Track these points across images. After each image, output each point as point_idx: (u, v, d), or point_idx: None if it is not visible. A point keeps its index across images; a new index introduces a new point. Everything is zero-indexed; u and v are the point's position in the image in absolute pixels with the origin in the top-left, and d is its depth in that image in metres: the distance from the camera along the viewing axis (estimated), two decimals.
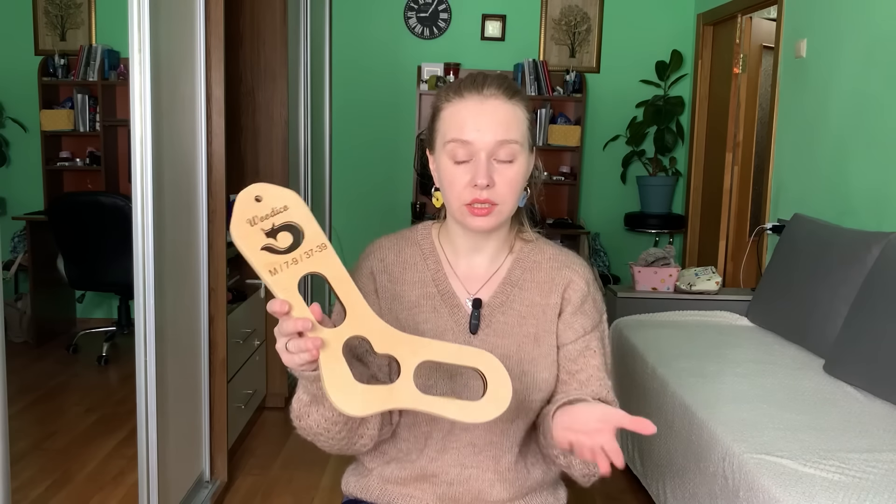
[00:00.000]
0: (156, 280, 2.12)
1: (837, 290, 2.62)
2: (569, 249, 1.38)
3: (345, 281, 1.06)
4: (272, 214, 1.04)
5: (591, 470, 1.24)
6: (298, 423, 1.19)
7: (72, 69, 4.71)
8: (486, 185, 1.18)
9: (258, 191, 1.04)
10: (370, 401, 1.03)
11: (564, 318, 1.29)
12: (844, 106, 3.17)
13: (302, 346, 1.01)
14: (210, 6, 2.47)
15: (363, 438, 1.22)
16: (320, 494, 2.76)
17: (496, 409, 1.05)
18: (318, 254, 1.05)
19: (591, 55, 5.06)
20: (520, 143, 1.21)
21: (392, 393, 1.04)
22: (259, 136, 3.47)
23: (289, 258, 1.03)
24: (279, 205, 1.04)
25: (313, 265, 1.05)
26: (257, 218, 1.03)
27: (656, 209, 4.96)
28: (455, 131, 1.20)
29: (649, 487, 2.57)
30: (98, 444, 3.11)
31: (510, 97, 1.23)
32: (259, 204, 1.04)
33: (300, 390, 1.15)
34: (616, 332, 3.14)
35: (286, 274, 1.03)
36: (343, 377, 1.03)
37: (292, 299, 1.02)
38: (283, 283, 1.03)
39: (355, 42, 4.98)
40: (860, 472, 1.77)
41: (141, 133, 2.06)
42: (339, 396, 1.02)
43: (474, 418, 1.05)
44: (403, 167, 4.96)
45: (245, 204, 1.04)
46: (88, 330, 4.53)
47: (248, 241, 1.03)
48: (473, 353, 1.07)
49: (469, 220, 1.21)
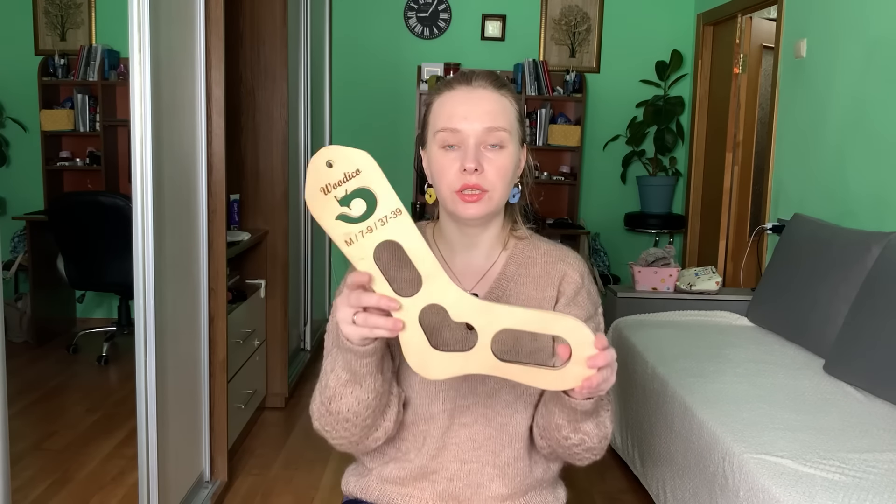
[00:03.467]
0: (156, 280, 2.12)
1: (837, 290, 2.62)
2: (563, 245, 1.39)
3: (421, 247, 1.03)
4: (345, 180, 1.01)
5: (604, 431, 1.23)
6: (329, 406, 1.18)
7: (72, 69, 4.71)
8: (475, 169, 1.19)
9: (329, 154, 1.01)
10: (449, 366, 1.04)
11: (558, 309, 1.29)
12: (844, 106, 3.17)
13: (380, 323, 1.02)
14: (210, 6, 2.48)
15: (378, 431, 1.22)
16: (320, 494, 2.76)
17: (578, 377, 1.04)
18: (393, 220, 1.02)
19: (591, 55, 5.06)
20: (508, 130, 1.22)
21: (470, 358, 1.04)
22: (259, 136, 3.47)
23: (363, 226, 1.02)
24: (351, 168, 1.01)
25: (388, 232, 1.02)
26: (330, 185, 1.01)
27: (656, 209, 4.96)
28: (444, 120, 1.22)
29: (649, 487, 2.57)
30: (98, 444, 3.11)
31: (498, 88, 1.24)
32: (331, 170, 1.01)
33: (339, 368, 1.15)
34: (616, 332, 3.14)
35: (362, 243, 1.02)
36: (420, 345, 1.04)
37: (373, 271, 1.02)
38: (359, 252, 1.02)
39: (355, 42, 4.98)
40: (860, 472, 1.77)
41: (141, 133, 2.06)
42: (420, 364, 1.04)
43: (556, 385, 1.05)
44: (403, 167, 4.96)
45: (317, 170, 1.01)
46: (88, 330, 4.53)
47: (323, 211, 1.01)
48: (556, 319, 1.04)
49: (460, 207, 1.21)
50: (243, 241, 3.14)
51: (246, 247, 3.20)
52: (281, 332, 3.55)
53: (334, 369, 1.16)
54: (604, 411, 1.23)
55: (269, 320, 3.52)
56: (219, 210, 2.56)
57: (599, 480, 2.88)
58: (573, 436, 1.21)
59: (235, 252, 3.05)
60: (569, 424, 1.20)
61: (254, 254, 3.45)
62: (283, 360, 3.56)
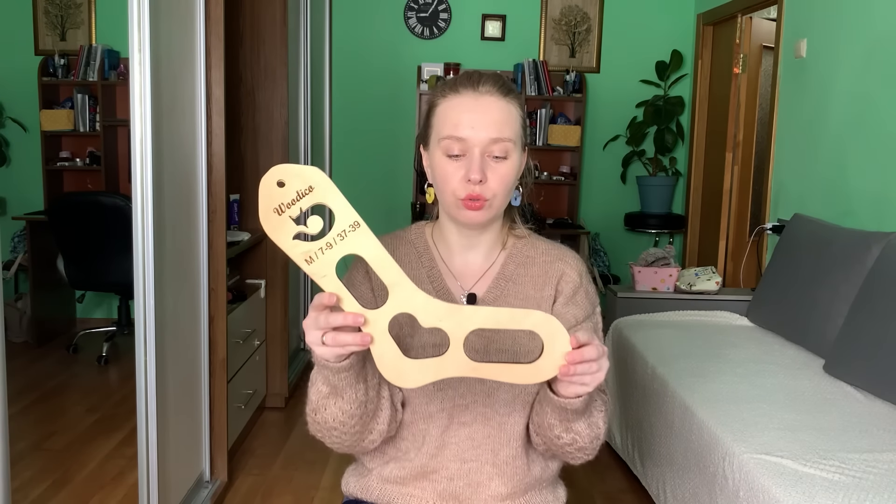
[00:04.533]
0: (156, 280, 2.12)
1: (837, 290, 2.62)
2: (562, 244, 1.39)
3: (383, 258, 1.03)
4: (298, 199, 1.00)
5: (596, 431, 1.23)
6: (314, 417, 1.19)
7: (72, 69, 4.71)
8: (480, 180, 1.20)
9: (279, 174, 1.00)
10: (423, 373, 1.04)
11: (556, 308, 1.30)
12: (844, 106, 3.17)
13: (347, 340, 1.02)
14: (210, 6, 2.48)
15: (373, 434, 1.22)
16: (320, 494, 2.76)
17: (554, 367, 1.05)
18: (352, 234, 1.02)
19: (591, 55, 5.06)
20: (513, 140, 1.23)
21: (443, 363, 1.04)
22: (259, 136, 3.48)
23: (322, 243, 1.01)
24: (304, 186, 1.00)
25: (348, 247, 1.02)
26: (283, 205, 1.00)
27: (656, 209, 4.96)
28: (450, 128, 1.22)
29: (649, 487, 2.57)
30: (98, 444, 3.11)
31: (505, 95, 1.24)
32: (283, 189, 1.00)
33: (319, 382, 1.15)
34: (616, 332, 3.14)
35: (322, 261, 1.01)
36: (392, 354, 1.03)
37: (338, 289, 1.01)
38: (321, 270, 1.01)
39: (355, 42, 4.98)
40: (860, 472, 1.77)
41: (141, 133, 2.06)
42: (393, 374, 1.03)
43: (532, 379, 1.05)
44: (403, 167, 4.95)
45: (269, 191, 1.00)
46: (88, 330, 4.53)
47: (279, 232, 1.00)
48: (525, 314, 1.05)
49: (462, 213, 1.22)
50: (243, 241, 3.14)
51: (246, 247, 3.20)
52: (281, 331, 3.55)
53: (315, 382, 1.17)
54: (597, 412, 1.23)
55: (269, 320, 3.52)
56: (219, 210, 2.56)
57: (599, 480, 2.88)
58: (564, 435, 1.22)
59: (235, 252, 3.05)
60: (560, 423, 1.20)
61: (254, 254, 3.45)
62: (283, 360, 3.57)
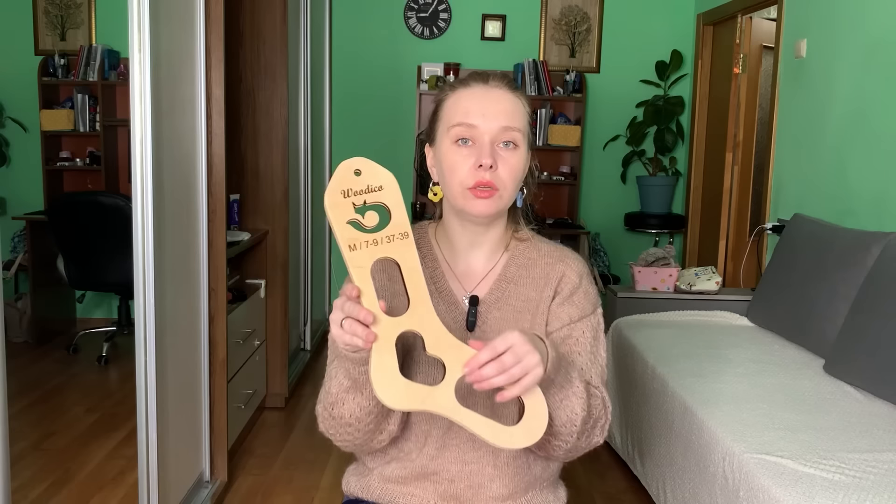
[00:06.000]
0: (156, 280, 2.12)
1: (837, 290, 2.62)
2: (564, 246, 1.39)
3: (416, 273, 1.07)
4: (366, 191, 1.05)
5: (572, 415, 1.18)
6: (331, 412, 1.20)
7: (72, 69, 4.71)
8: (490, 166, 1.20)
9: (359, 164, 1.06)
10: (409, 397, 1.05)
11: (553, 308, 1.30)
12: (844, 106, 3.17)
13: (358, 332, 1.03)
14: (210, 6, 2.48)
15: (383, 434, 1.23)
16: (320, 494, 2.76)
17: (527, 438, 1.06)
18: (399, 241, 1.06)
19: (591, 55, 5.06)
20: (522, 132, 1.24)
21: (431, 395, 1.05)
22: (259, 136, 3.47)
23: (370, 238, 1.05)
24: (375, 183, 1.06)
25: (391, 250, 1.06)
26: (351, 191, 1.05)
27: (656, 209, 4.96)
28: (461, 116, 1.23)
29: (649, 487, 2.57)
30: (98, 444, 3.11)
31: (513, 90, 1.26)
32: (357, 178, 1.05)
33: (341, 375, 1.17)
34: (616, 332, 3.14)
35: (363, 252, 1.05)
36: (390, 368, 1.04)
37: (364, 284, 1.04)
38: (358, 260, 1.05)
39: (355, 42, 4.98)
40: (860, 472, 1.77)
41: (141, 133, 2.06)
42: (382, 386, 1.04)
43: (504, 444, 1.06)
44: (403, 167, 4.95)
45: (344, 174, 1.05)
46: (88, 330, 4.52)
47: (338, 212, 1.05)
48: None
49: (470, 203, 1.22)
50: (243, 241, 3.14)
51: (246, 247, 3.20)
52: (281, 332, 3.55)
53: (336, 375, 1.18)
54: (575, 398, 1.17)
55: (269, 320, 3.52)
56: (219, 210, 2.56)
57: (599, 480, 2.88)
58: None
59: (235, 252, 3.05)
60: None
61: (254, 254, 3.45)
62: (283, 360, 3.57)
